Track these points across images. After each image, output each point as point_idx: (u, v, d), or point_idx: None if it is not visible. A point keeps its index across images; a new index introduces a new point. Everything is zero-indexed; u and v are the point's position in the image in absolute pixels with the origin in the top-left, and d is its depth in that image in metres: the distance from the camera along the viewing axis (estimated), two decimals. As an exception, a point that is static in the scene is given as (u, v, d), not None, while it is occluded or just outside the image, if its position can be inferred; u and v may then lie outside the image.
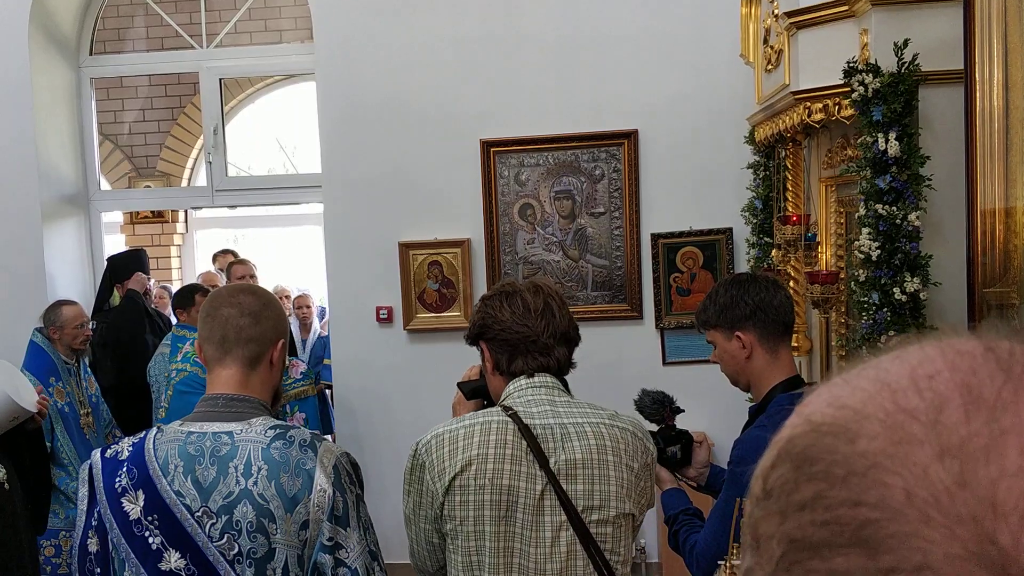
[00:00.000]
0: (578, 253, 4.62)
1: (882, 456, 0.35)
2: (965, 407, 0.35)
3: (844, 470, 0.35)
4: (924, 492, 0.33)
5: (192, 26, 5.41)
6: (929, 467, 0.34)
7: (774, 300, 2.03)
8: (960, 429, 0.34)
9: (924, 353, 0.39)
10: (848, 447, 0.36)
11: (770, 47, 3.27)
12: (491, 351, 1.84)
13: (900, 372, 0.38)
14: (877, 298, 2.65)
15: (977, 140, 1.34)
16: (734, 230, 4.46)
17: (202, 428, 1.60)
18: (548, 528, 1.69)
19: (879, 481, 0.34)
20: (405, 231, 4.69)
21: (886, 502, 0.34)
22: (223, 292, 1.76)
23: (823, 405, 0.39)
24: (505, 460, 1.70)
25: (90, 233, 5.26)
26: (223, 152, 5.21)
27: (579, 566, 1.70)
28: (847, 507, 0.35)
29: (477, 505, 1.70)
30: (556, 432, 1.73)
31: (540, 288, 1.84)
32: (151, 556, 1.52)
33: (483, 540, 1.70)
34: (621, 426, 1.78)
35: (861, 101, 2.61)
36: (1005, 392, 0.35)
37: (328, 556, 1.54)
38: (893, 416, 0.36)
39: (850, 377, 0.40)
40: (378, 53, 4.68)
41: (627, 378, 4.57)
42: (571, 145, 4.57)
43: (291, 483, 1.54)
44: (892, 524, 0.33)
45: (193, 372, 3.38)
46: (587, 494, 1.70)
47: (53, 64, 5.03)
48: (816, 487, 0.36)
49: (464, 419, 1.79)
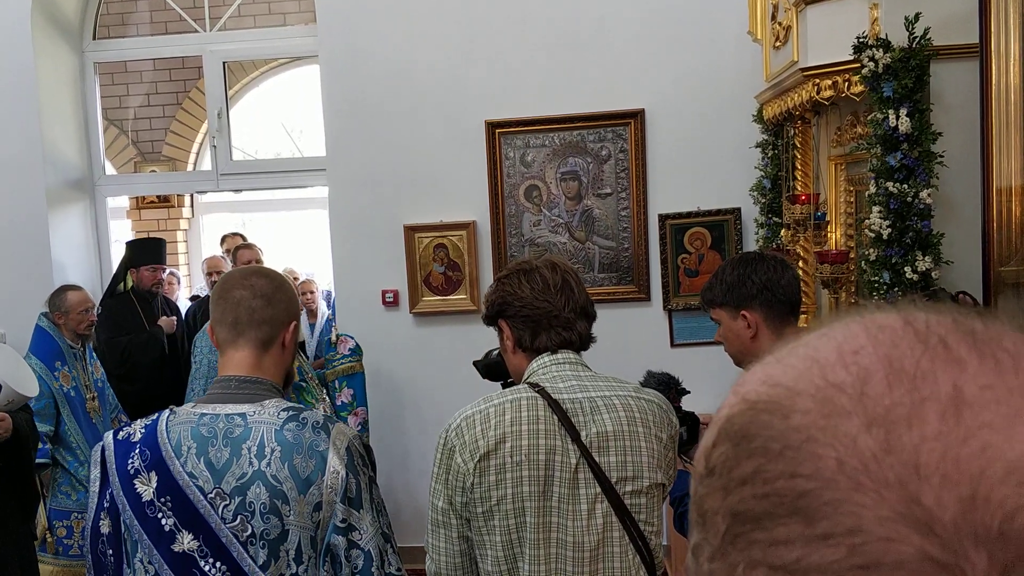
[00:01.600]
0: (585, 235, 4.60)
1: (814, 429, 0.37)
2: (888, 378, 0.37)
3: (780, 444, 0.38)
4: (854, 460, 0.35)
5: (195, 9, 5.38)
6: (858, 437, 0.36)
7: (781, 280, 2.02)
8: (884, 399, 0.37)
9: (849, 329, 0.41)
10: (783, 422, 0.38)
11: (778, 23, 3.24)
12: (512, 328, 1.83)
13: (828, 348, 0.40)
14: (888, 277, 2.64)
15: (993, 115, 1.32)
16: (742, 210, 4.43)
17: (215, 410, 1.60)
18: (584, 501, 1.70)
19: (813, 453, 0.36)
20: (410, 214, 4.68)
21: (820, 472, 0.36)
22: (235, 274, 1.75)
23: (758, 384, 0.41)
24: (540, 435, 1.70)
25: (95, 218, 5.26)
26: (227, 136, 5.19)
27: (615, 537, 1.71)
28: (784, 479, 0.37)
29: (516, 481, 1.68)
30: (586, 406, 1.74)
31: (557, 265, 1.85)
32: (164, 538, 1.52)
33: (523, 516, 1.69)
34: (648, 399, 1.80)
35: (871, 77, 2.59)
36: (923, 362, 0.37)
37: (341, 538, 1.55)
38: (823, 391, 0.38)
39: (782, 356, 0.42)
40: (382, 35, 4.65)
41: (635, 360, 4.56)
42: (577, 125, 4.54)
43: (304, 465, 1.54)
44: (826, 492, 0.35)
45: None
46: (620, 465, 1.71)
47: (56, 49, 5.02)
48: (755, 462, 0.38)
49: (492, 398, 1.77)
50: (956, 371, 0.37)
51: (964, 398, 0.36)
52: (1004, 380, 0.36)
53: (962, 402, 0.35)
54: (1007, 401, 0.35)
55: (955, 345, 0.38)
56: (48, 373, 3.98)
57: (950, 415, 0.35)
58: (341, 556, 1.55)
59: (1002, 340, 0.38)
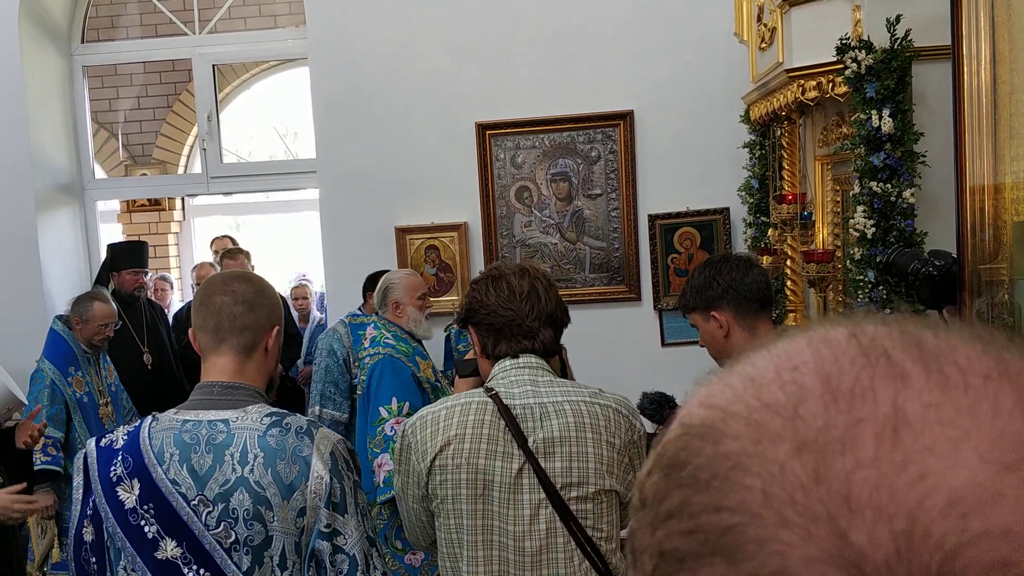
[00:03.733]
0: (575, 235, 4.61)
1: (743, 456, 0.33)
2: (823, 397, 0.33)
3: (708, 474, 0.34)
4: (780, 491, 0.31)
5: (185, 12, 5.38)
6: (786, 464, 0.32)
7: (746, 278, 2.04)
8: (817, 421, 0.32)
9: (791, 345, 0.37)
10: (713, 448, 0.34)
11: (764, 25, 3.25)
12: (478, 335, 1.88)
13: (767, 366, 0.36)
14: (873, 276, 2.65)
15: (965, 116, 1.33)
16: (731, 210, 4.45)
17: (197, 416, 1.60)
18: (526, 506, 1.72)
19: (739, 483, 0.33)
20: (401, 216, 4.68)
21: (745, 505, 0.32)
22: (216, 279, 1.75)
23: (695, 406, 0.37)
24: (481, 440, 1.74)
25: (85, 222, 5.25)
26: (218, 139, 5.19)
27: (559, 543, 1.72)
28: (710, 513, 0.33)
29: (455, 484, 1.74)
30: (536, 411, 1.75)
31: (527, 271, 1.87)
32: (147, 545, 1.52)
33: (461, 518, 1.74)
34: (603, 403, 1.79)
35: (854, 78, 2.60)
36: (863, 377, 0.33)
37: (326, 543, 1.55)
38: (756, 412, 0.34)
39: (725, 374, 0.38)
40: (371, 36, 4.65)
41: (626, 360, 4.58)
42: (567, 127, 4.55)
43: (288, 470, 1.54)
44: (751, 528, 0.31)
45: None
46: (565, 471, 1.72)
47: (44, 53, 5.01)
48: (683, 493, 0.34)
49: (447, 400, 1.83)
50: (898, 387, 0.33)
51: (905, 418, 0.31)
52: (951, 398, 0.32)
53: (902, 423, 0.31)
54: (952, 422, 0.31)
55: (899, 358, 0.34)
56: (61, 379, 3.92)
57: (887, 438, 0.31)
58: (326, 561, 1.55)
59: (953, 353, 0.34)
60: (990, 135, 1.29)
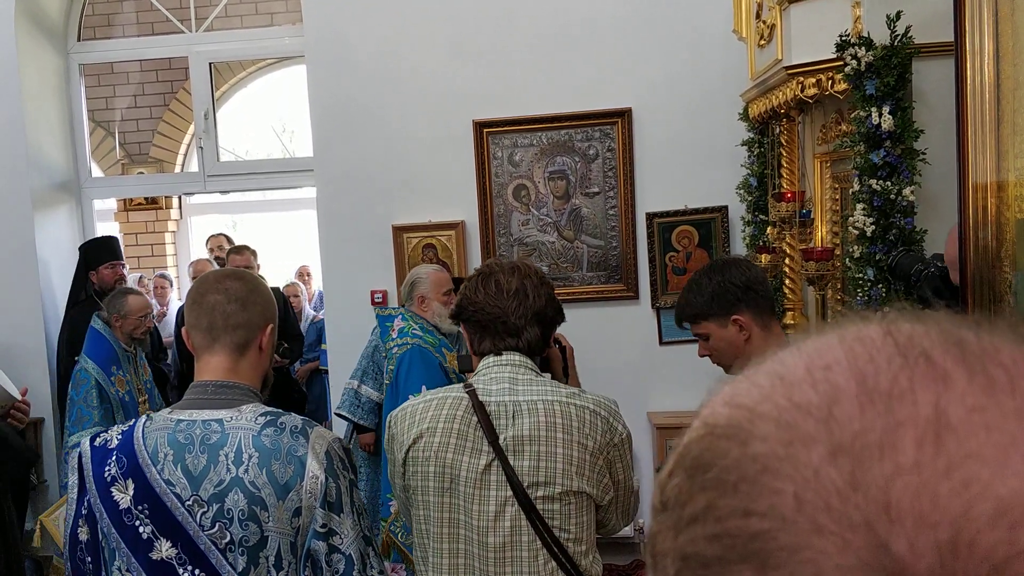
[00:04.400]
0: (573, 234, 4.60)
1: (773, 459, 0.32)
2: (859, 398, 0.32)
3: (736, 476, 0.32)
4: (814, 497, 0.30)
5: (182, 10, 5.36)
6: (820, 468, 0.31)
7: (758, 275, 2.03)
8: (854, 423, 0.31)
9: (823, 343, 0.35)
10: (740, 450, 0.33)
11: (763, 22, 3.24)
12: (467, 331, 1.90)
13: (796, 365, 0.35)
14: (872, 274, 2.64)
15: (968, 113, 1.32)
16: (729, 208, 4.44)
17: (191, 416, 1.58)
18: (492, 502, 1.73)
19: (769, 487, 0.31)
20: (398, 214, 4.67)
21: (776, 510, 0.31)
22: (210, 278, 1.73)
23: (720, 405, 0.36)
24: (451, 434, 1.76)
25: (82, 220, 5.24)
26: (214, 137, 5.17)
27: (524, 541, 1.72)
28: (737, 518, 0.32)
29: (424, 476, 1.77)
30: (509, 409, 1.76)
31: (518, 269, 1.87)
32: (142, 545, 1.51)
33: (429, 510, 1.77)
34: (579, 404, 1.78)
35: (854, 75, 2.59)
36: (901, 379, 0.32)
37: (322, 543, 1.53)
38: (786, 413, 0.33)
39: (751, 372, 0.37)
40: (369, 34, 4.63)
41: (624, 358, 4.57)
42: (565, 125, 4.53)
43: (283, 470, 1.53)
44: (782, 535, 0.30)
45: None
46: (533, 470, 1.72)
47: (41, 51, 4.99)
48: (708, 496, 0.33)
49: (428, 394, 1.86)
50: (939, 390, 0.31)
51: (948, 422, 0.30)
52: (997, 401, 0.30)
53: (945, 427, 0.30)
54: (999, 426, 0.30)
55: (940, 359, 0.32)
56: (106, 379, 3.90)
57: (929, 443, 0.30)
58: (322, 561, 1.54)
59: (998, 354, 0.32)
60: (993, 131, 1.28)
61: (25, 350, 4.72)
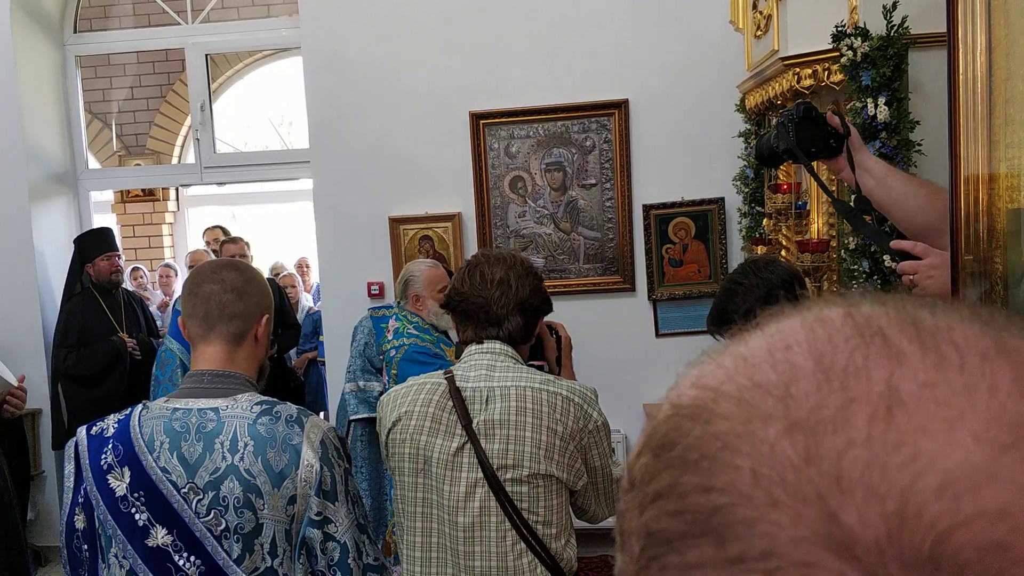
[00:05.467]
0: (569, 225, 4.60)
1: (732, 436, 0.32)
2: (816, 376, 0.32)
3: (697, 454, 0.33)
4: (770, 471, 0.31)
5: (178, 2, 5.35)
6: (776, 444, 0.31)
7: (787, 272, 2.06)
8: (809, 400, 0.32)
9: (785, 324, 0.36)
10: (703, 428, 0.34)
11: (759, 12, 3.24)
12: (454, 321, 1.97)
13: (759, 346, 0.36)
14: (867, 266, 2.65)
15: (960, 104, 1.32)
16: (726, 200, 4.44)
17: (187, 404, 1.59)
18: (463, 483, 1.79)
19: (728, 463, 0.32)
20: (395, 206, 4.67)
21: (734, 485, 0.31)
22: (206, 268, 1.74)
23: (687, 387, 0.37)
24: (426, 418, 1.83)
25: (79, 212, 5.24)
26: (211, 129, 5.17)
27: (492, 522, 1.78)
28: (698, 493, 0.32)
29: (400, 458, 1.85)
30: (483, 394, 1.83)
31: (503, 259, 1.93)
32: (138, 533, 1.52)
33: (404, 490, 1.86)
34: (552, 390, 1.83)
35: (850, 66, 2.60)
36: (857, 356, 0.32)
37: (317, 531, 1.55)
38: (747, 392, 0.33)
39: (717, 354, 0.37)
40: (365, 25, 4.62)
41: (620, 350, 4.58)
42: (561, 116, 4.53)
43: (278, 458, 1.54)
44: (740, 509, 0.31)
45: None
46: (502, 453, 1.78)
47: (37, 43, 4.98)
48: (671, 474, 0.34)
49: (411, 380, 1.94)
50: (893, 367, 0.32)
51: (899, 397, 0.31)
52: (947, 377, 0.31)
53: (896, 402, 0.31)
54: (948, 401, 0.31)
55: (895, 337, 0.33)
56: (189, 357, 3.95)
57: (881, 417, 0.30)
58: (317, 549, 1.55)
59: (951, 332, 0.33)
60: (985, 122, 1.28)
61: (21, 342, 4.72)
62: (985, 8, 1.25)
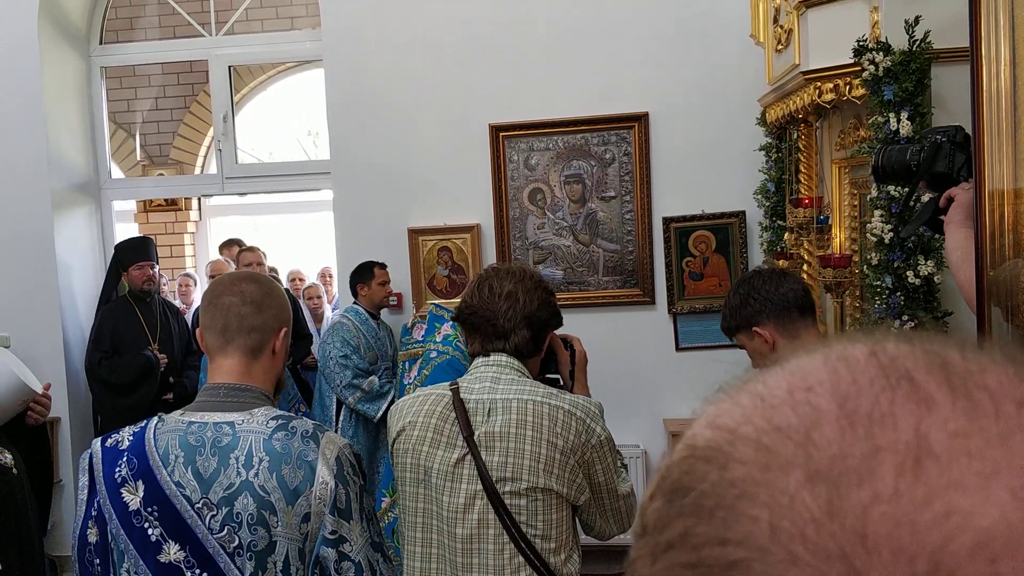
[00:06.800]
0: (589, 238, 4.59)
1: (750, 484, 0.31)
2: (839, 421, 0.30)
3: (713, 502, 0.31)
4: (790, 525, 0.29)
5: (202, 14, 5.40)
6: (797, 495, 0.29)
7: (780, 288, 2.03)
8: (832, 448, 0.30)
9: (807, 362, 0.34)
10: (719, 474, 0.32)
11: (780, 27, 3.21)
12: (464, 333, 1.99)
13: (779, 385, 0.34)
14: (890, 282, 2.61)
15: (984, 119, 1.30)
16: (747, 213, 4.41)
17: (203, 418, 1.58)
18: (462, 494, 1.80)
19: (746, 514, 0.30)
20: (414, 217, 4.68)
21: (752, 539, 0.29)
22: (225, 280, 1.74)
23: (703, 426, 0.35)
24: (429, 429, 1.84)
25: (101, 221, 5.28)
26: (233, 140, 5.21)
27: (491, 534, 1.78)
28: (713, 545, 0.30)
29: (402, 468, 1.87)
30: (486, 406, 1.83)
31: (512, 273, 1.93)
32: (150, 548, 1.51)
33: (406, 500, 1.88)
34: (554, 404, 1.82)
35: (872, 80, 2.57)
36: (883, 401, 0.30)
37: (331, 550, 1.53)
38: (766, 436, 0.31)
39: (735, 392, 0.35)
40: (386, 38, 4.65)
41: (639, 364, 4.55)
42: (581, 129, 4.53)
43: (293, 475, 1.52)
44: (757, 565, 0.29)
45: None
46: (501, 465, 1.78)
47: (63, 54, 5.04)
48: (685, 522, 0.32)
49: (419, 391, 1.96)
50: (921, 413, 0.30)
51: (928, 448, 0.29)
52: (980, 426, 0.29)
53: (926, 453, 0.29)
54: (982, 453, 0.28)
55: (923, 381, 0.31)
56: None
57: (909, 470, 0.29)
58: (331, 568, 1.53)
59: (983, 376, 0.31)
60: (1010, 138, 1.26)
61: (43, 350, 4.76)
62: (1009, 22, 1.23)
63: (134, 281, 4.74)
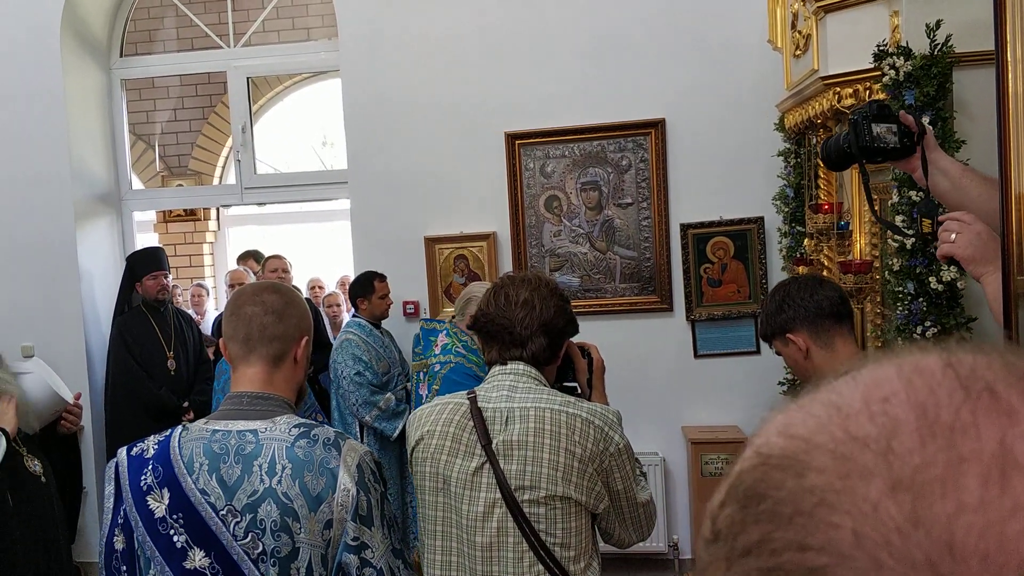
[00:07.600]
0: (606, 245, 4.58)
1: (829, 492, 0.31)
2: (919, 432, 0.31)
3: (791, 509, 0.32)
4: (874, 533, 0.29)
5: (220, 26, 5.45)
6: (880, 503, 0.30)
7: (816, 295, 2.03)
8: (914, 457, 0.30)
9: (880, 372, 0.35)
10: (796, 482, 0.32)
11: (798, 32, 3.20)
12: (480, 342, 1.99)
13: (853, 395, 0.34)
14: (912, 288, 2.59)
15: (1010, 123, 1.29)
16: (766, 219, 4.39)
17: (227, 426, 1.60)
18: (481, 503, 1.80)
19: (826, 521, 0.30)
20: (430, 225, 4.69)
21: (834, 545, 0.30)
22: (247, 290, 1.75)
23: (774, 435, 0.35)
24: (447, 437, 1.85)
25: (122, 231, 5.34)
26: (251, 150, 5.25)
27: (510, 543, 1.78)
28: (793, 551, 0.31)
29: (422, 476, 1.87)
30: (503, 415, 1.83)
31: (528, 281, 1.94)
32: (176, 555, 1.52)
33: (425, 508, 1.88)
34: (572, 412, 1.82)
35: (893, 85, 2.55)
36: (964, 412, 0.31)
37: (353, 556, 1.53)
38: (843, 445, 0.32)
39: (805, 401, 0.36)
40: (402, 47, 4.67)
41: (657, 371, 4.54)
42: (597, 136, 4.53)
43: (315, 482, 1.54)
44: (840, 570, 0.29)
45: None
46: (520, 474, 1.78)
47: (84, 66, 5.10)
48: (762, 529, 0.32)
49: (436, 400, 1.96)
50: (1005, 424, 0.30)
51: (1014, 459, 0.29)
52: None
53: (1011, 464, 0.29)
54: None
55: (1004, 393, 0.31)
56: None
57: (995, 480, 0.29)
58: (353, 574, 1.54)
59: None
60: (1036, 142, 1.25)
61: (66, 359, 4.80)
62: (1036, 26, 1.22)
63: (148, 291, 4.73)
